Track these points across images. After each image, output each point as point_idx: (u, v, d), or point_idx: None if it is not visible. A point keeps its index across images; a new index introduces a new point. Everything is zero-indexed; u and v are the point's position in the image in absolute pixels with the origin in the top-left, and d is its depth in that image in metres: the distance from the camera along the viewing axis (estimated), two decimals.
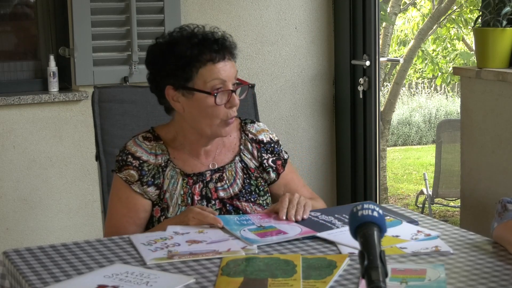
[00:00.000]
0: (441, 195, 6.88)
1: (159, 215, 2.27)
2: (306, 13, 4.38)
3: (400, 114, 11.23)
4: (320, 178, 4.51)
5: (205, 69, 2.19)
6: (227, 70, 2.21)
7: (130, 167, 2.25)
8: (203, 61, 2.19)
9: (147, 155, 2.27)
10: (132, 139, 2.30)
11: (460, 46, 11.10)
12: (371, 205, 1.52)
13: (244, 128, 2.39)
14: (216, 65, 2.19)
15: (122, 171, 2.26)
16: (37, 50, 4.09)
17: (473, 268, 1.82)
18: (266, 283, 1.71)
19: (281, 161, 2.41)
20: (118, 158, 2.28)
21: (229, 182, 2.31)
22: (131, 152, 2.27)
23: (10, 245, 3.82)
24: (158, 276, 1.79)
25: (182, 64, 2.20)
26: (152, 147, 2.28)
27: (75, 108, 3.97)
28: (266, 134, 2.42)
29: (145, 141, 2.29)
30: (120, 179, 2.27)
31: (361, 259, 1.38)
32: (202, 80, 2.19)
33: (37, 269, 1.86)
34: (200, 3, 4.16)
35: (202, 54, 2.19)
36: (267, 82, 4.36)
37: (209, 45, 2.20)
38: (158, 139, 2.30)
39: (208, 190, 2.29)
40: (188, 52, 2.19)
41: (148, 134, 2.31)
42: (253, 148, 2.38)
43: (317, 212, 2.25)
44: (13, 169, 3.88)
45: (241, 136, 2.38)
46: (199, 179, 2.29)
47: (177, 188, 2.27)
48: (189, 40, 2.22)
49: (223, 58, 2.21)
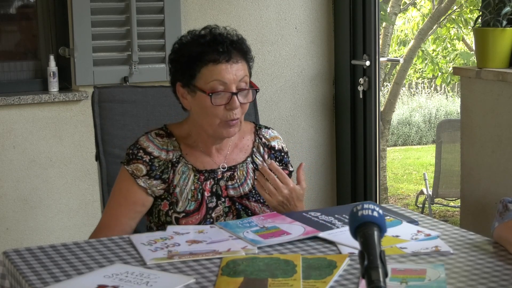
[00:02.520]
0: (441, 195, 6.88)
1: (167, 209, 2.29)
2: (306, 13, 4.39)
3: (400, 114, 11.23)
4: (320, 178, 4.51)
5: (207, 69, 2.22)
6: (230, 72, 2.22)
7: (140, 161, 2.28)
8: (204, 61, 2.22)
9: (158, 151, 2.30)
10: (145, 135, 2.34)
11: (460, 46, 11.10)
12: (371, 205, 1.52)
13: (258, 132, 2.44)
14: (217, 66, 2.21)
15: (130, 164, 2.29)
16: (37, 50, 4.09)
17: (473, 268, 1.82)
18: (266, 283, 1.71)
19: (287, 172, 2.44)
20: (129, 152, 2.31)
21: (240, 181, 2.34)
22: (143, 147, 2.30)
23: (10, 245, 3.83)
24: (158, 276, 1.79)
25: (188, 62, 2.24)
26: (164, 143, 2.31)
27: (75, 108, 3.97)
28: (279, 142, 2.46)
29: (157, 137, 2.32)
30: (126, 172, 2.29)
31: (361, 259, 1.38)
32: (203, 80, 2.22)
33: (37, 269, 1.86)
34: (200, 3, 4.16)
35: (206, 54, 2.22)
36: (267, 82, 4.36)
37: (214, 45, 2.23)
38: (170, 135, 2.34)
39: (219, 188, 2.31)
40: (194, 51, 2.24)
41: (161, 131, 2.35)
42: (264, 152, 2.41)
43: (317, 212, 2.25)
44: (13, 169, 3.88)
45: (255, 139, 2.42)
46: (210, 176, 2.31)
47: (188, 184, 2.29)
48: (198, 39, 2.26)
49: (227, 60, 2.22)
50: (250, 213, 2.32)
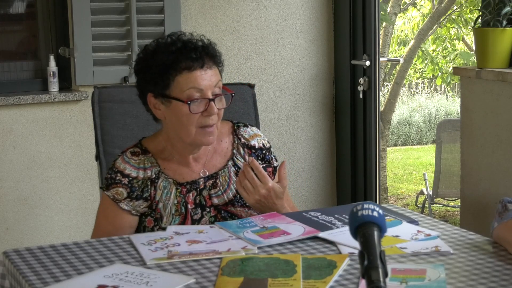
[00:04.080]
0: (441, 195, 6.88)
1: (152, 225, 2.27)
2: (306, 13, 4.39)
3: (400, 114, 11.23)
4: (320, 178, 4.51)
5: (181, 77, 2.18)
6: (205, 78, 2.19)
7: (119, 185, 2.24)
8: (178, 69, 2.18)
9: (136, 171, 2.26)
10: (121, 156, 2.29)
11: (460, 46, 11.10)
12: (371, 205, 1.52)
13: (236, 131, 2.38)
14: (192, 74, 2.18)
15: (110, 189, 2.26)
16: (37, 50, 4.09)
17: (473, 268, 1.82)
18: (266, 283, 1.71)
19: (271, 168, 2.39)
20: (107, 176, 2.28)
21: (223, 188, 2.30)
22: (120, 170, 2.26)
23: (10, 245, 3.83)
24: (158, 276, 1.79)
25: (160, 72, 2.19)
26: (141, 161, 2.27)
27: (75, 108, 3.97)
28: (259, 139, 2.40)
29: (133, 156, 2.28)
30: (107, 198, 2.26)
31: (361, 259, 1.38)
32: (178, 88, 2.18)
33: (37, 269, 1.86)
34: (200, 3, 4.16)
35: (179, 62, 2.18)
36: (267, 82, 4.36)
37: (187, 53, 2.18)
38: (146, 152, 2.29)
39: (202, 198, 2.28)
40: (166, 60, 2.19)
41: (136, 149, 2.30)
42: (245, 153, 2.36)
43: (317, 212, 2.25)
44: (13, 169, 3.88)
45: (234, 140, 2.37)
46: (192, 187, 2.28)
47: (171, 198, 2.26)
48: (169, 47, 2.21)
49: (201, 66, 2.18)
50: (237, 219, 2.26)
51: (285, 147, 4.36)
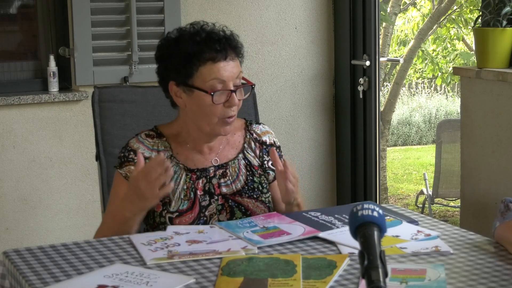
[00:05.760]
0: (441, 195, 6.88)
1: (160, 209, 2.28)
2: (306, 13, 4.39)
3: (400, 114, 11.23)
4: (320, 178, 4.51)
5: (205, 68, 2.20)
6: (228, 70, 2.21)
7: (132, 163, 2.26)
8: (203, 59, 2.20)
9: (149, 152, 2.29)
10: (135, 137, 2.33)
11: (460, 46, 11.10)
12: (371, 205, 1.52)
13: (249, 127, 2.42)
14: (216, 65, 2.20)
15: (123, 167, 2.28)
16: (37, 50, 4.09)
17: (473, 268, 1.82)
18: (266, 283, 1.71)
19: None
20: (120, 155, 2.31)
21: (232, 178, 2.33)
22: (134, 149, 2.29)
23: (10, 245, 3.82)
24: (158, 276, 1.79)
25: (184, 61, 2.22)
26: (155, 143, 2.31)
27: (75, 108, 3.97)
28: (270, 136, 2.45)
29: (147, 138, 2.31)
30: (120, 176, 2.28)
31: (361, 259, 1.38)
32: (201, 79, 2.21)
33: (37, 269, 1.86)
34: (200, 3, 4.16)
35: (203, 52, 2.20)
36: (267, 82, 4.36)
37: (211, 44, 2.21)
38: (161, 136, 2.33)
39: (211, 186, 2.30)
40: (190, 50, 2.21)
41: (151, 132, 2.33)
42: (256, 147, 2.40)
43: (317, 212, 2.25)
44: (13, 169, 3.88)
45: (246, 135, 2.41)
46: (202, 174, 2.31)
47: (180, 183, 2.28)
48: (193, 37, 2.23)
49: (224, 57, 2.21)
50: (244, 209, 2.30)
51: (285, 147, 4.36)
